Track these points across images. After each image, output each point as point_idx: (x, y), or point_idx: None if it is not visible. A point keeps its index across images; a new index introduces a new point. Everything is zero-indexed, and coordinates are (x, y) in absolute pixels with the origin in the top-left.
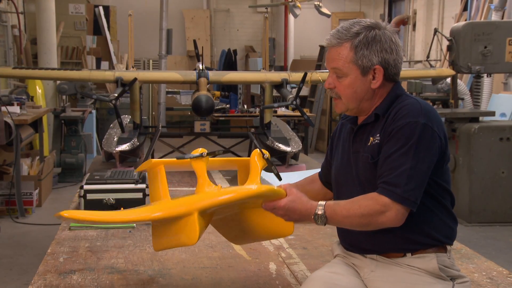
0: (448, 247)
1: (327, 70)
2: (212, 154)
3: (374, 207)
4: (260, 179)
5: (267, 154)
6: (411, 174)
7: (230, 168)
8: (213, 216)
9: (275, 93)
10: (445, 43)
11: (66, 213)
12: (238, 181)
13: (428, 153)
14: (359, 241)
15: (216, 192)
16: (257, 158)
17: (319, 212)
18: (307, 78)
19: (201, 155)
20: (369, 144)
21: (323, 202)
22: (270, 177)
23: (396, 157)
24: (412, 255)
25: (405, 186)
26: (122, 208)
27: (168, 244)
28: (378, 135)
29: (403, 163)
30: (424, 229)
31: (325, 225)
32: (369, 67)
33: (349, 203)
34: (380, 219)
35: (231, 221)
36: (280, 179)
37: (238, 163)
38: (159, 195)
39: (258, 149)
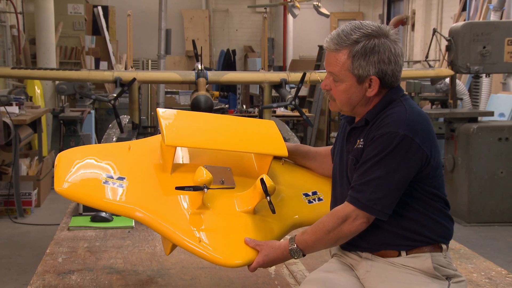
0: (444, 246)
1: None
2: (215, 188)
3: (335, 220)
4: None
5: (269, 196)
6: (379, 183)
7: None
8: None
9: (274, 93)
10: (444, 43)
11: (58, 188)
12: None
13: (403, 164)
14: (354, 239)
15: (196, 243)
16: (259, 192)
17: (293, 247)
18: (306, 78)
19: (202, 189)
20: (355, 147)
21: (293, 237)
22: None
23: (369, 165)
24: (406, 253)
25: (371, 194)
26: (129, 147)
27: None
28: (362, 139)
29: (373, 171)
30: (416, 228)
31: (304, 256)
32: (365, 77)
33: (314, 227)
34: (344, 229)
35: None
36: (274, 213)
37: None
38: (164, 161)
39: (263, 191)
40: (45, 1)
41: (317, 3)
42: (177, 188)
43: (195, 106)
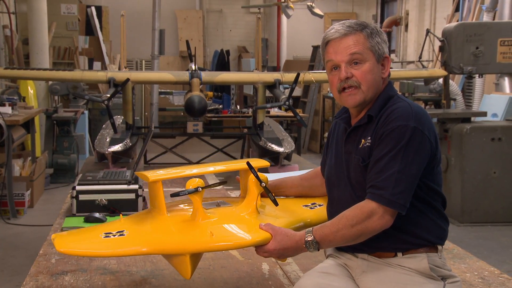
0: (439, 247)
1: (320, 71)
2: (208, 187)
3: (361, 215)
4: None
5: (264, 182)
6: (399, 177)
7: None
8: None
9: (268, 93)
10: (437, 43)
11: (62, 249)
12: (240, 186)
13: (417, 157)
14: None
15: (210, 238)
16: (254, 184)
17: (309, 239)
18: (300, 78)
19: (196, 190)
20: (360, 146)
21: (310, 229)
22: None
23: (385, 160)
24: (403, 255)
25: (393, 189)
26: (121, 215)
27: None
28: (369, 137)
29: (391, 166)
30: (414, 230)
31: (318, 250)
32: (381, 55)
33: (335, 220)
34: (370, 225)
35: None
36: (276, 205)
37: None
38: (156, 207)
39: (255, 177)
40: (38, 1)
41: (311, 3)
42: (172, 195)
43: (189, 106)
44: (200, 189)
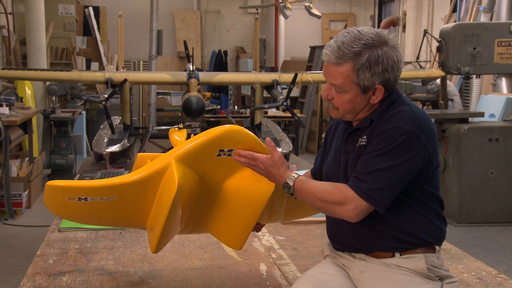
0: (437, 247)
1: (318, 71)
2: (188, 126)
3: (336, 197)
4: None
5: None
6: (382, 174)
7: None
8: (194, 194)
9: (265, 94)
10: (435, 44)
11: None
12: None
13: (408, 159)
14: (347, 240)
15: (188, 140)
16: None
17: (290, 183)
18: (298, 79)
19: (178, 127)
20: (357, 145)
21: (296, 175)
22: None
23: (373, 156)
24: (400, 255)
25: (373, 184)
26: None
27: (159, 229)
28: (365, 137)
29: (377, 163)
30: (411, 229)
31: (292, 194)
32: (370, 87)
33: (316, 184)
34: (337, 210)
35: (210, 209)
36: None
37: None
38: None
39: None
40: (36, 1)
41: (309, 4)
42: (156, 128)
43: (187, 107)
44: (181, 126)
